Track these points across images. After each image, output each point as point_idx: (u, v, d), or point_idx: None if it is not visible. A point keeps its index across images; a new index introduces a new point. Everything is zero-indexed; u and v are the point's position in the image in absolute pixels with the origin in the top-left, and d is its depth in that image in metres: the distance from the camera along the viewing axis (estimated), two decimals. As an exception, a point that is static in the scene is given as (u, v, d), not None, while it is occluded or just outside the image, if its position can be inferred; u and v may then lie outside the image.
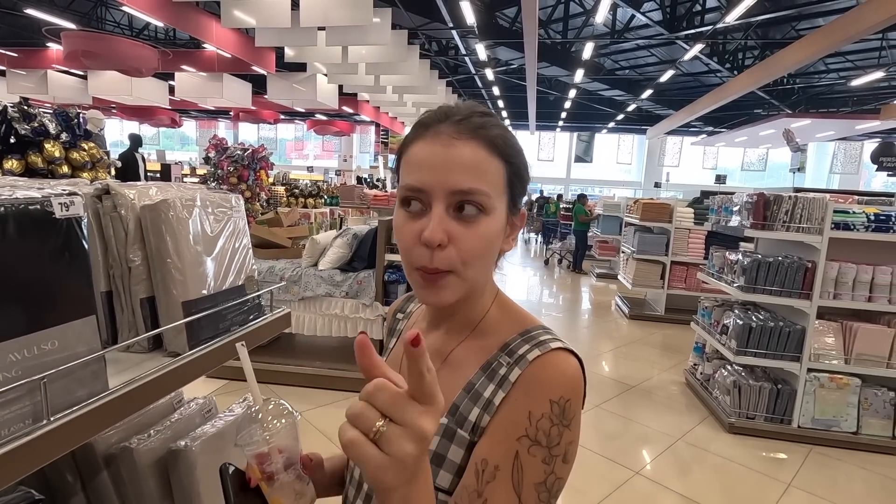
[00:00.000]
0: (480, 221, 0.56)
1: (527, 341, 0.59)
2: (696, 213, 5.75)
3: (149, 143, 23.45)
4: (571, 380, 0.56)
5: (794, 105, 14.90)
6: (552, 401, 0.54)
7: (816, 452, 2.99)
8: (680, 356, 4.65)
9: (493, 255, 0.59)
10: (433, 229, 0.53)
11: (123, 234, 0.72)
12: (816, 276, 2.91)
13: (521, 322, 0.63)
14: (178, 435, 0.84)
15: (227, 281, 0.81)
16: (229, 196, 0.85)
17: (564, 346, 0.59)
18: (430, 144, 0.56)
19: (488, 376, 0.59)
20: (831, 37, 7.54)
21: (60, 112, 3.72)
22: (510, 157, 0.58)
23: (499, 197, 0.57)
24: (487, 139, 0.57)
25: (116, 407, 0.60)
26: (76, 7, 12.26)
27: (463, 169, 0.55)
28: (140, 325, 0.73)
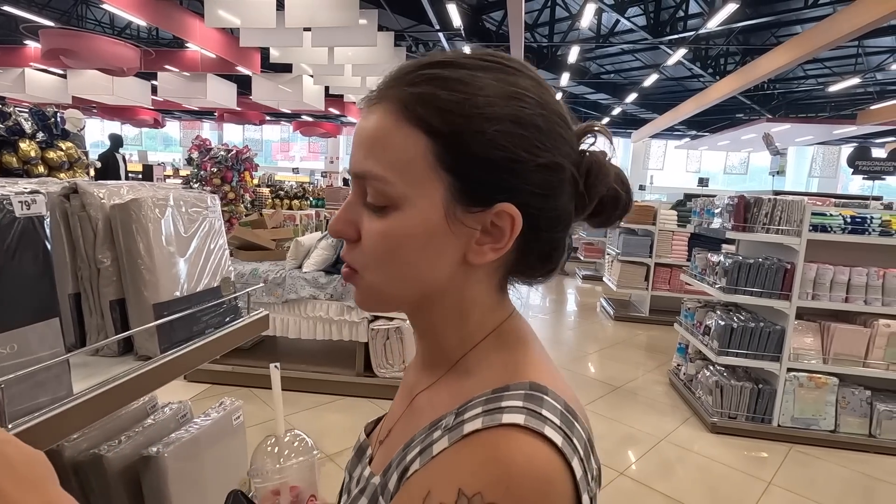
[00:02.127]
0: (387, 216, 0.41)
1: (486, 403, 0.39)
2: (679, 215, 5.82)
3: (131, 144, 23.06)
4: (512, 474, 0.34)
5: (775, 110, 15.22)
6: (462, 492, 0.34)
7: (796, 451, 3.04)
8: (664, 357, 4.70)
9: (411, 260, 0.42)
10: (335, 219, 0.44)
11: (92, 235, 0.70)
12: (795, 278, 2.96)
13: (511, 373, 0.42)
14: (150, 441, 0.82)
15: (202, 283, 0.80)
16: (205, 196, 0.83)
17: (532, 424, 0.36)
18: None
19: (426, 437, 0.41)
20: (809, 44, 7.73)
21: (37, 111, 3.63)
22: (443, 122, 0.39)
23: (413, 184, 0.40)
24: (399, 99, 0.40)
25: (82, 413, 0.58)
26: (56, 5, 12.03)
27: (361, 146, 0.42)
28: (109, 328, 0.71)
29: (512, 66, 0.42)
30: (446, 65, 0.41)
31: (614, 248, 6.37)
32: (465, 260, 0.43)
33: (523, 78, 0.42)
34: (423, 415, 0.46)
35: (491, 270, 0.45)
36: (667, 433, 3.21)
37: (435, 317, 0.46)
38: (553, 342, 5.29)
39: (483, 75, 0.40)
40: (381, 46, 7.90)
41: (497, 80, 0.40)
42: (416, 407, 0.49)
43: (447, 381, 0.46)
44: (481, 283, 0.45)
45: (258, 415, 3.06)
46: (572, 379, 4.13)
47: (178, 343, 0.74)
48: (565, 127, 0.43)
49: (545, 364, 0.45)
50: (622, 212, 0.47)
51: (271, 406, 3.33)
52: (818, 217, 2.91)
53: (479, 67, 0.41)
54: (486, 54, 0.42)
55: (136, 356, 0.71)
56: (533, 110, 0.41)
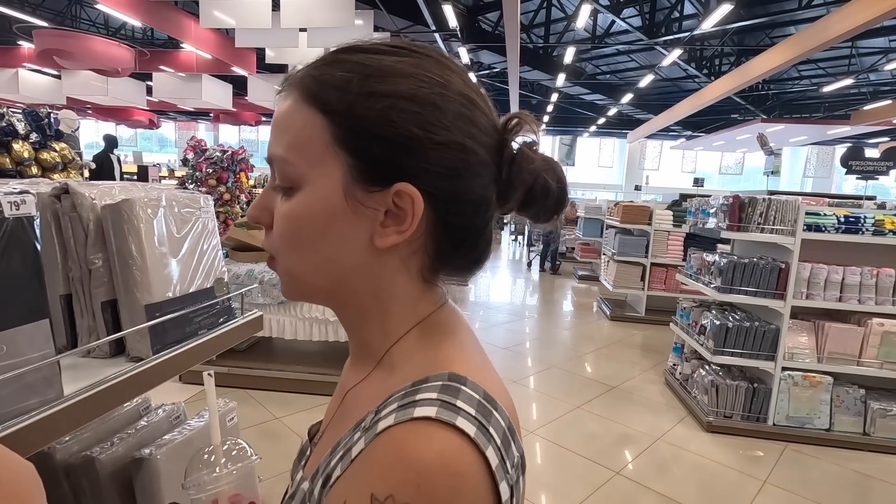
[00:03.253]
0: (292, 199, 0.42)
1: (402, 398, 0.37)
2: (674, 215, 5.84)
3: (126, 145, 22.94)
4: (420, 471, 0.32)
5: (769, 110, 15.32)
6: (374, 497, 0.33)
7: (791, 450, 3.05)
8: (660, 356, 4.71)
9: (314, 242, 0.41)
10: (252, 205, 0.45)
11: (83, 235, 0.69)
12: (790, 277, 2.98)
13: (431, 364, 0.41)
14: (142, 443, 0.81)
15: (195, 283, 0.79)
16: (198, 196, 0.83)
17: (445, 416, 0.34)
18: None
19: (350, 440, 0.39)
20: (803, 44, 7.78)
21: (30, 112, 3.61)
22: (338, 101, 0.39)
23: (312, 163, 0.40)
24: (300, 86, 0.41)
25: (73, 415, 0.57)
26: (49, 5, 11.97)
27: (273, 132, 0.43)
28: (101, 330, 0.70)
29: (419, 50, 0.42)
30: (351, 50, 0.41)
31: (610, 248, 6.38)
32: (372, 244, 0.41)
33: (427, 60, 0.42)
34: (352, 414, 0.44)
35: (405, 257, 0.43)
36: (663, 432, 3.22)
37: (354, 309, 0.46)
38: (549, 342, 5.30)
39: (384, 57, 0.40)
40: (376, 47, 7.88)
41: (396, 62, 0.40)
42: (346, 405, 0.48)
43: (373, 377, 0.45)
44: (399, 274, 0.44)
45: (253, 416, 3.05)
46: (568, 378, 4.14)
47: (171, 344, 0.73)
48: (473, 109, 0.42)
49: (469, 354, 0.44)
50: (556, 204, 0.46)
51: (268, 408, 3.31)
52: (812, 217, 2.92)
53: (383, 52, 0.41)
54: (397, 41, 0.42)
55: (128, 357, 0.71)
56: (431, 89, 0.40)
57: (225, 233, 4.65)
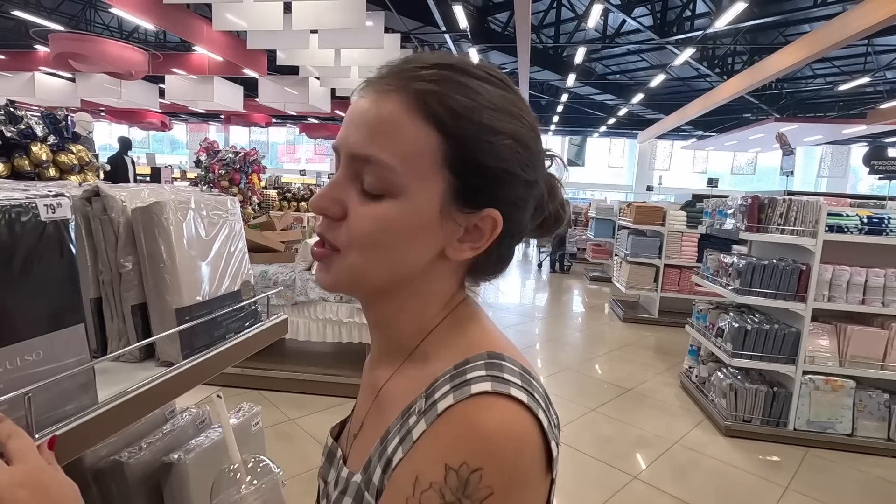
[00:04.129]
0: (382, 202, 0.42)
1: (452, 379, 0.41)
2: (688, 216, 5.78)
3: (138, 147, 23.19)
4: (488, 438, 0.36)
5: (783, 109, 15.11)
6: (448, 466, 0.36)
7: (812, 455, 2.99)
8: (674, 359, 4.65)
9: (397, 249, 0.43)
10: (320, 195, 0.43)
11: (114, 238, 0.68)
12: (811, 279, 2.92)
13: (466, 347, 0.45)
14: (170, 447, 0.80)
15: (223, 286, 0.78)
16: (225, 199, 0.82)
17: (496, 388, 0.38)
18: (356, 96, 0.45)
19: (402, 425, 0.43)
20: (818, 43, 7.65)
21: (48, 114, 3.66)
22: (452, 126, 0.41)
23: (417, 177, 0.41)
24: (415, 93, 0.41)
25: (107, 421, 0.56)
26: (65, 9, 12.15)
27: (364, 127, 0.42)
28: (131, 334, 0.70)
29: (511, 86, 0.46)
30: (459, 70, 0.43)
31: (623, 250, 6.33)
32: (442, 254, 0.45)
33: (520, 100, 0.46)
34: (391, 405, 0.47)
35: (457, 267, 0.48)
36: (679, 436, 3.17)
37: (396, 305, 0.48)
38: (561, 344, 5.26)
39: (491, 88, 0.43)
40: (387, 48, 7.89)
41: (502, 97, 0.43)
42: (383, 399, 0.49)
43: (406, 369, 0.48)
44: (446, 279, 0.48)
45: (267, 418, 3.05)
46: (581, 381, 4.10)
47: (200, 348, 0.72)
48: (539, 146, 0.47)
49: (497, 334, 0.48)
50: (558, 227, 0.53)
51: (282, 409, 3.30)
52: (834, 217, 2.87)
53: (486, 80, 0.43)
54: (490, 69, 0.45)
55: (158, 362, 0.70)
56: (527, 131, 0.45)
57: (238, 234, 4.67)
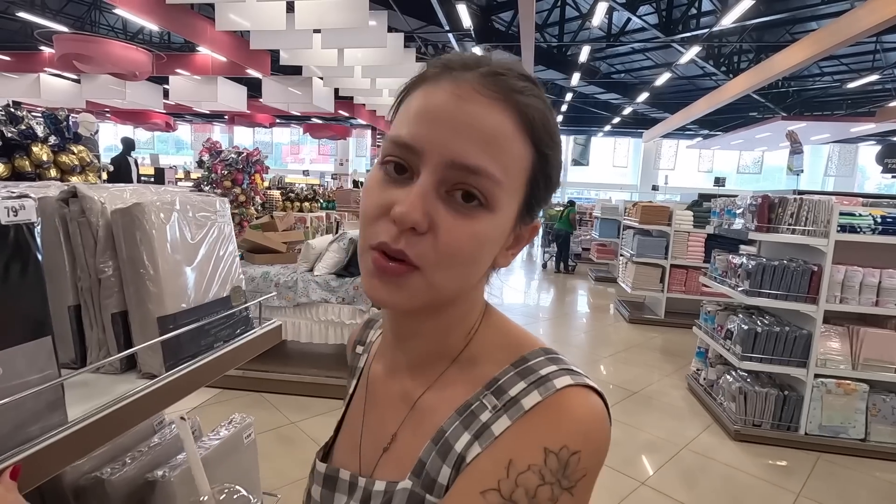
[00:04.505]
0: (478, 217, 0.40)
1: (522, 376, 0.43)
2: (695, 216, 5.70)
3: (143, 148, 23.30)
4: (584, 423, 0.40)
5: (789, 108, 14.97)
6: (548, 450, 0.38)
7: (824, 460, 2.92)
8: (681, 361, 4.59)
9: (481, 264, 0.43)
10: (411, 203, 0.38)
11: (92, 242, 0.64)
12: (823, 280, 2.85)
13: (514, 346, 0.47)
14: (155, 463, 0.76)
15: (211, 292, 0.74)
16: (213, 199, 0.78)
17: (578, 381, 0.42)
18: (444, 91, 0.40)
19: (464, 422, 0.43)
20: (826, 40, 7.55)
21: (49, 115, 3.65)
22: (545, 145, 0.43)
23: (512, 192, 0.42)
24: (521, 110, 0.41)
25: (79, 441, 0.52)
26: (70, 11, 12.18)
27: (476, 137, 0.39)
28: (111, 344, 0.66)
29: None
30: (538, 83, 0.44)
31: (628, 250, 6.26)
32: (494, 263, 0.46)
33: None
34: (437, 412, 0.46)
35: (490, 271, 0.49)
36: (688, 441, 3.11)
37: (447, 315, 0.47)
38: (566, 345, 5.20)
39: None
40: (390, 48, 7.85)
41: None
42: (424, 408, 0.48)
43: (453, 374, 0.47)
44: (483, 282, 0.49)
45: (269, 421, 3.01)
46: (588, 384, 4.04)
47: (186, 359, 0.68)
48: None
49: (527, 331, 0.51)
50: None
51: (284, 412, 3.27)
52: (846, 217, 2.80)
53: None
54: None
55: (140, 374, 0.66)
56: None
57: (240, 235, 4.64)
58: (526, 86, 0.42)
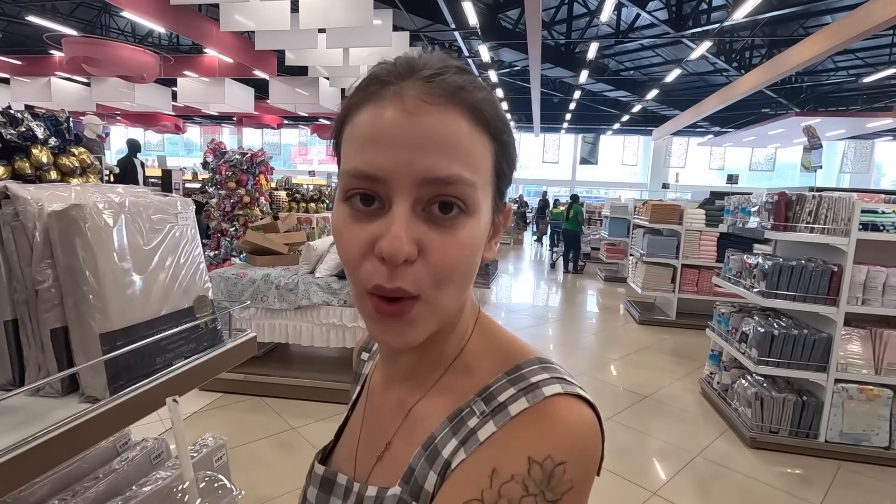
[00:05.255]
0: (462, 224, 0.39)
1: (513, 383, 0.42)
2: (707, 214, 5.56)
3: (154, 150, 23.51)
4: (571, 434, 0.38)
5: (803, 103, 14.68)
6: (532, 459, 0.37)
7: (846, 469, 2.80)
8: (694, 364, 4.46)
9: (474, 268, 0.42)
10: (396, 238, 0.36)
11: (28, 249, 0.57)
12: (843, 281, 2.73)
13: (509, 354, 0.46)
14: (112, 491, 0.69)
15: (169, 304, 0.66)
16: (174, 200, 0.70)
17: (568, 389, 0.40)
18: (388, 110, 0.38)
19: (454, 428, 0.42)
20: (841, 34, 7.35)
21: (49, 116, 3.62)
22: (500, 132, 0.41)
23: (484, 188, 0.41)
24: (471, 106, 0.39)
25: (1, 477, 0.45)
26: (80, 14, 12.28)
27: (439, 148, 0.37)
28: (51, 363, 0.58)
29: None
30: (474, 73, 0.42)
31: (638, 249, 6.13)
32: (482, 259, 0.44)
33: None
34: (426, 421, 0.45)
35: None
36: (702, 448, 3.00)
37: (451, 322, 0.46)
38: (575, 347, 5.09)
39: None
40: (396, 47, 7.78)
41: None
42: (417, 416, 0.47)
43: (446, 383, 0.47)
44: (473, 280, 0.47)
45: (269, 426, 2.95)
46: (596, 387, 3.93)
47: (137, 379, 0.61)
48: None
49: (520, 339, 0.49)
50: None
51: (284, 417, 3.20)
52: (868, 215, 2.67)
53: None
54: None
55: (83, 397, 0.58)
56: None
57: (244, 236, 4.60)
58: (466, 79, 0.40)
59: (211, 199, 5.74)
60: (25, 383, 0.59)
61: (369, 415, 0.54)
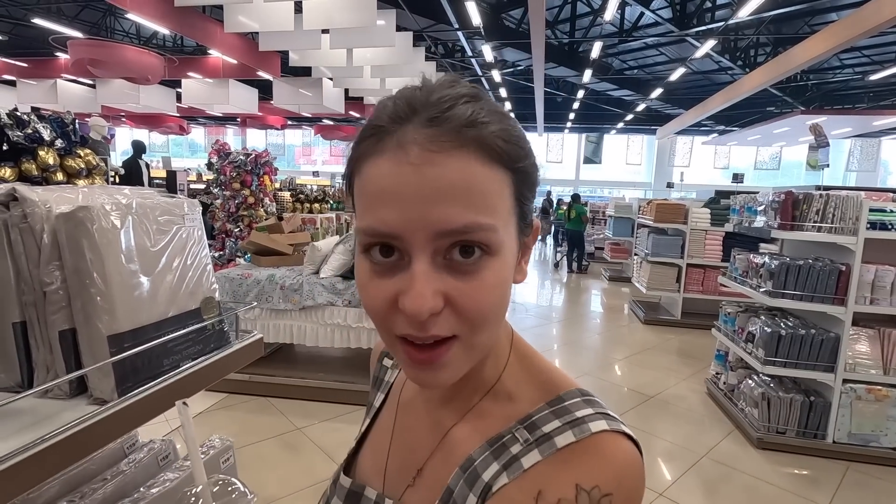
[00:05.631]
0: (486, 267, 0.38)
1: (557, 415, 0.42)
2: (712, 213, 5.53)
3: (158, 151, 23.60)
4: (619, 468, 0.39)
5: (809, 102, 14.59)
6: (580, 486, 0.37)
7: (854, 470, 2.77)
8: (699, 364, 4.44)
9: (506, 302, 0.41)
10: (420, 295, 0.35)
11: (36, 251, 0.57)
12: (851, 280, 2.71)
13: (548, 384, 0.45)
14: (119, 493, 0.69)
15: (176, 306, 0.66)
16: (181, 201, 0.70)
17: (614, 426, 0.40)
18: (391, 164, 0.36)
19: (494, 452, 0.42)
20: (846, 31, 7.30)
21: (55, 118, 3.64)
22: (517, 159, 0.39)
23: (507, 223, 0.39)
24: (482, 143, 0.37)
25: (4, 484, 0.45)
26: (85, 16, 12.34)
27: (449, 196, 0.36)
28: (59, 365, 0.58)
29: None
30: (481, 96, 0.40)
31: (643, 249, 6.11)
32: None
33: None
34: (467, 443, 0.45)
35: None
36: (708, 449, 2.98)
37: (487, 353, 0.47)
38: (579, 347, 5.07)
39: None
40: (399, 47, 7.79)
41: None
42: (455, 440, 0.47)
43: (486, 407, 0.47)
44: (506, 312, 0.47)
45: (274, 426, 2.96)
46: (600, 387, 3.92)
47: (144, 381, 0.61)
48: None
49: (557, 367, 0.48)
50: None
51: (289, 418, 3.21)
52: (877, 214, 2.64)
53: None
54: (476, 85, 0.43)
55: (91, 399, 0.58)
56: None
57: (248, 237, 4.61)
58: (475, 109, 0.37)
59: (215, 200, 5.76)
60: (34, 385, 0.59)
61: (400, 431, 0.53)
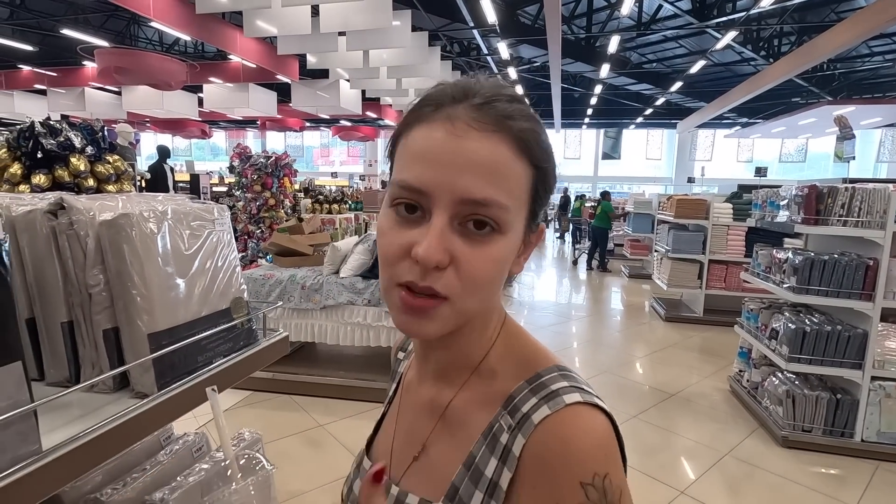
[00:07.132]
0: (493, 241, 0.42)
1: (534, 392, 0.45)
2: (735, 208, 5.43)
3: (181, 155, 24.18)
4: (601, 445, 0.42)
5: (836, 91, 14.16)
6: (584, 483, 0.40)
7: (884, 470, 2.71)
8: (722, 361, 4.37)
9: (501, 282, 0.46)
10: (432, 247, 0.40)
11: (81, 255, 0.61)
12: (879, 275, 2.64)
13: (529, 361, 0.49)
14: (158, 482, 0.73)
15: (208, 306, 0.70)
16: (211, 206, 0.74)
17: (585, 398, 0.43)
18: (439, 131, 0.42)
19: (489, 446, 0.45)
20: (875, 18, 7.05)
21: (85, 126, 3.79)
22: (540, 160, 0.45)
23: (518, 211, 0.44)
24: (514, 134, 0.43)
25: (56, 471, 0.49)
26: (110, 26, 12.72)
27: (479, 171, 0.41)
28: (103, 362, 0.63)
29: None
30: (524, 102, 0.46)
31: (663, 245, 6.03)
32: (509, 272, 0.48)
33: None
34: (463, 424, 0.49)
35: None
36: (731, 447, 2.94)
37: (470, 327, 0.49)
38: (600, 345, 5.04)
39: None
40: (415, 47, 7.84)
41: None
42: (451, 418, 0.50)
43: (473, 385, 0.50)
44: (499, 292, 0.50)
45: (297, 423, 3.03)
46: (621, 385, 3.90)
47: (181, 376, 0.65)
48: None
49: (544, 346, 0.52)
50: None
51: (312, 415, 3.26)
52: (905, 206, 2.57)
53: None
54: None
55: (133, 393, 0.62)
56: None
57: (269, 238, 4.70)
58: (515, 108, 0.44)
59: (237, 203, 5.88)
60: (81, 380, 0.63)
61: (403, 411, 0.57)
